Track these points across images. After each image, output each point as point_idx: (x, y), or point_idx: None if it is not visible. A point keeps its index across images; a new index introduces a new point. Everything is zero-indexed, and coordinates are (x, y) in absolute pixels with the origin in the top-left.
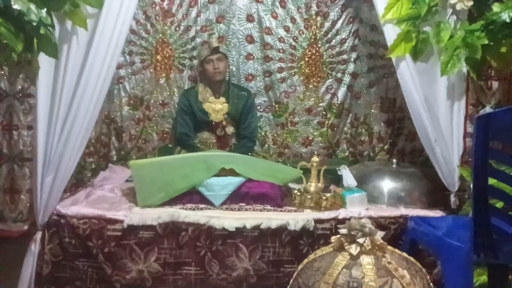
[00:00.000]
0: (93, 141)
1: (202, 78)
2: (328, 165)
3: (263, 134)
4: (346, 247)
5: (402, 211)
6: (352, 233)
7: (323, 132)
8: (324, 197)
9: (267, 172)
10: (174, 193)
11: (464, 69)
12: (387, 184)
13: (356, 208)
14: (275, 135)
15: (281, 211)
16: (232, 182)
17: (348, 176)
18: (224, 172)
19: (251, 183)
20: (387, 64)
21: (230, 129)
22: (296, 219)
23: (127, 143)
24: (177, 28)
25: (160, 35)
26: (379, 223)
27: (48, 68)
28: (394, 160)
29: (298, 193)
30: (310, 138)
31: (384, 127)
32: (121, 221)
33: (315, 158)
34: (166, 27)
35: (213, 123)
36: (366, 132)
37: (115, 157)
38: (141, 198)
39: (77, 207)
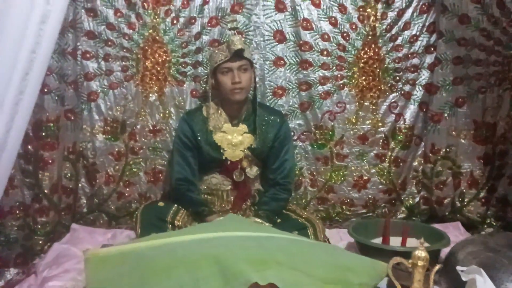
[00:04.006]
0: (46, 191)
1: (214, 95)
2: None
3: (297, 172)
4: None
5: None
6: None
7: (384, 168)
8: None
9: (332, 273)
10: None
11: None
12: None
13: None
14: (314, 173)
15: None
16: None
17: None
18: None
19: None
20: (484, 73)
21: (253, 171)
22: None
23: (103, 187)
24: (175, 21)
25: (150, 31)
26: None
27: None
28: None
29: None
30: (365, 177)
31: (478, 165)
32: None
33: (421, 253)
34: (159, 20)
35: (229, 162)
36: (450, 171)
37: (85, 207)
38: None
39: None
